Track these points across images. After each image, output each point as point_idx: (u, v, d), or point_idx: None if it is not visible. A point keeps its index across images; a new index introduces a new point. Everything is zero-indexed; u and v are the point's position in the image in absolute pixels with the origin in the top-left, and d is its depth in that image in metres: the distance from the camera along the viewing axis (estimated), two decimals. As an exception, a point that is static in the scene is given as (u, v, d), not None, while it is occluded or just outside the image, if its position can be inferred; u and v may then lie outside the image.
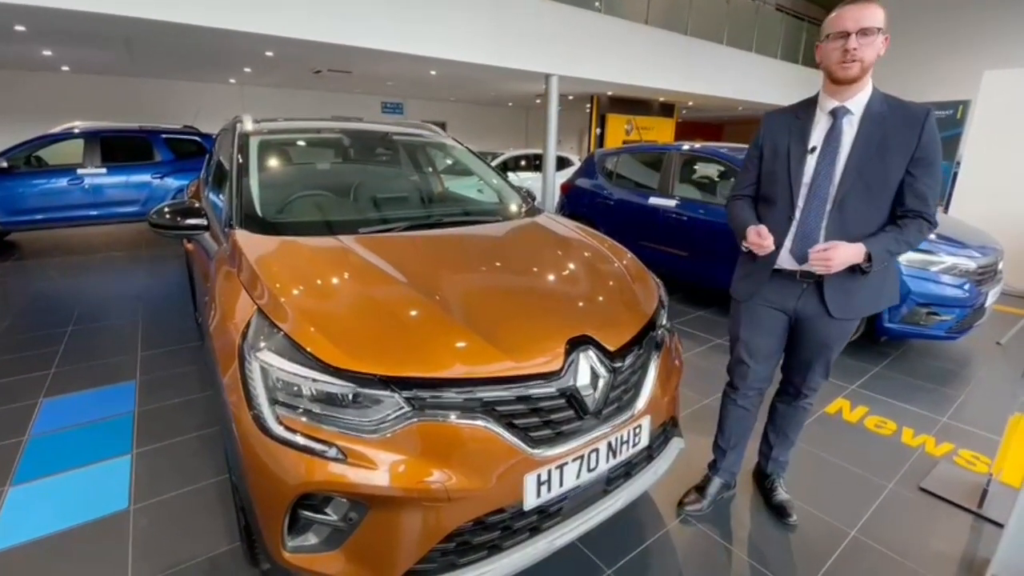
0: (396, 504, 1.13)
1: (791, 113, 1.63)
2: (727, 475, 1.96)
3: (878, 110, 1.48)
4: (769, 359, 1.78)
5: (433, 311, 1.36)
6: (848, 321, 1.64)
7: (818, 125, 1.55)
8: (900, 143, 1.45)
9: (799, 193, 1.57)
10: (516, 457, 1.20)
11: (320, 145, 2.66)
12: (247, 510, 1.30)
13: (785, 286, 1.65)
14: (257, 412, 1.18)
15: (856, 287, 1.57)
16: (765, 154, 1.66)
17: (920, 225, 1.49)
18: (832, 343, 1.67)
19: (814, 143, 1.55)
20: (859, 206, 1.51)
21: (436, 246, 1.81)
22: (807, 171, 1.54)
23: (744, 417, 1.87)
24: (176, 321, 3.80)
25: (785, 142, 1.60)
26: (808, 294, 1.62)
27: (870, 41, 1.41)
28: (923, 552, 1.73)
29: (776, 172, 1.61)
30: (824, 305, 1.59)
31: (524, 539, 1.29)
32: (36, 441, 2.29)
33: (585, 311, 1.49)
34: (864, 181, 1.49)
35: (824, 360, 1.72)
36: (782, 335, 1.74)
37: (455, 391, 1.18)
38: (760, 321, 1.72)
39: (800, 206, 1.57)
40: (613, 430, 1.36)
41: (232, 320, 1.40)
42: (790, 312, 1.67)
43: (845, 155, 1.50)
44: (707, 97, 11.06)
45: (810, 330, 1.67)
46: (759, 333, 1.73)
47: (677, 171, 4.46)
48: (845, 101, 1.50)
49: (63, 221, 6.20)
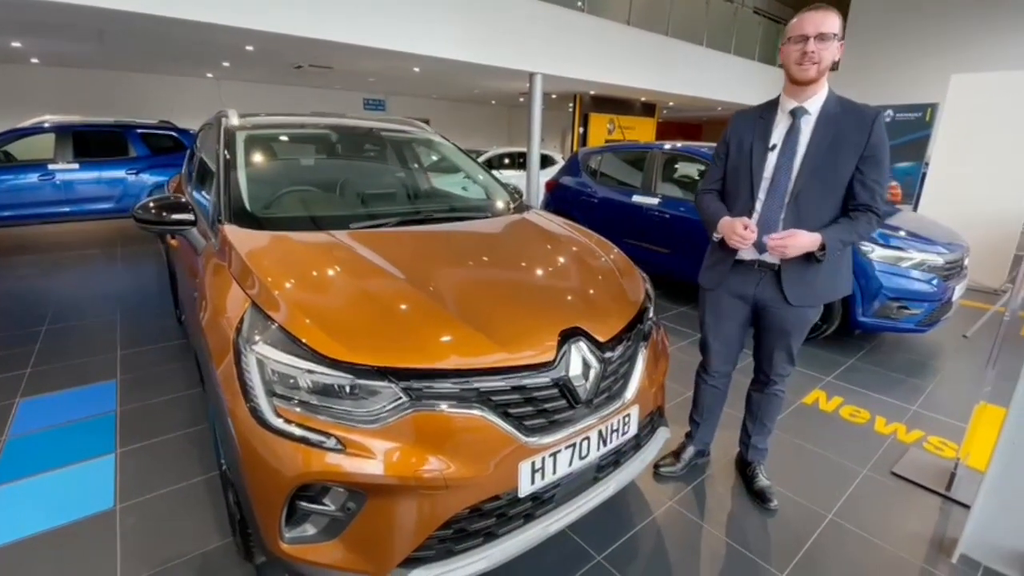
0: (394, 493, 1.15)
1: (755, 113, 1.76)
2: (700, 443, 2.14)
3: (833, 111, 1.61)
4: (732, 343, 1.93)
5: (428, 304, 1.38)
6: (806, 308, 1.75)
7: (779, 124, 1.68)
8: (851, 142, 1.58)
9: (760, 187, 1.69)
10: (511, 445, 1.23)
11: (307, 141, 2.64)
12: (243, 504, 1.31)
13: (745, 275, 1.77)
14: (254, 404, 1.19)
15: (811, 276, 1.69)
16: (731, 151, 1.78)
17: (869, 218, 1.62)
18: (791, 329, 1.79)
19: (775, 141, 1.67)
20: (814, 199, 1.63)
21: (428, 241, 1.83)
22: (768, 167, 1.67)
23: (714, 394, 2.04)
24: (155, 319, 3.73)
25: (749, 140, 1.72)
26: (765, 282, 1.74)
27: (827, 45, 1.53)
28: (896, 533, 1.82)
29: (740, 168, 1.74)
30: (782, 293, 1.71)
31: (518, 526, 1.32)
32: (14, 442, 2.24)
33: (576, 304, 1.53)
34: (818, 177, 1.61)
35: (786, 346, 1.83)
36: (744, 321, 1.88)
37: (451, 381, 1.20)
38: (723, 308, 1.87)
39: (761, 199, 1.69)
40: (603, 419, 1.40)
41: (224, 315, 1.40)
42: (750, 299, 1.80)
43: (802, 152, 1.63)
44: (687, 97, 11.24)
45: (770, 317, 1.79)
46: (722, 319, 1.88)
47: (659, 170, 4.54)
48: (803, 102, 1.63)
49: (33, 218, 6.01)
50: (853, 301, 3.26)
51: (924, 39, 11.78)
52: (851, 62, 12.13)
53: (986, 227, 4.94)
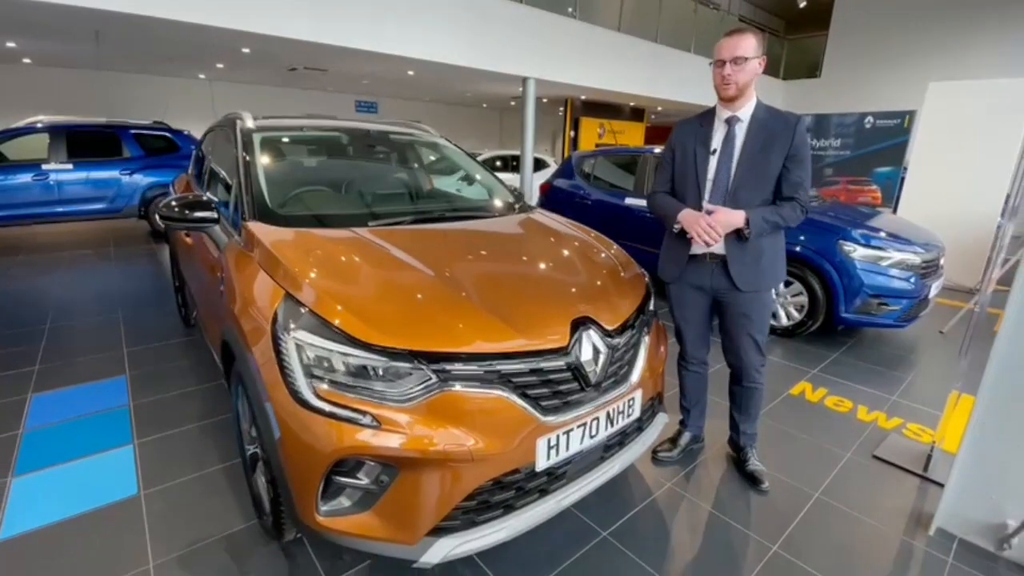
0: (424, 465, 1.25)
1: (696, 122, 1.95)
2: (695, 428, 2.28)
3: (762, 117, 1.82)
4: (701, 329, 2.10)
5: (451, 294, 1.49)
6: (758, 293, 1.92)
7: (717, 131, 1.88)
8: (778, 144, 1.79)
9: (705, 187, 1.88)
10: (530, 423, 1.34)
11: (320, 143, 2.73)
12: (279, 481, 1.40)
13: (700, 268, 1.95)
14: (294, 386, 1.28)
15: (752, 262, 1.88)
16: (676, 156, 1.97)
17: (794, 206, 1.81)
18: (751, 313, 1.93)
19: (715, 146, 1.87)
20: (749, 195, 1.83)
21: (445, 238, 1.94)
22: (711, 169, 1.87)
23: (696, 379, 2.20)
24: (158, 317, 3.78)
25: (692, 145, 1.91)
26: (718, 272, 1.92)
27: (742, 67, 1.73)
28: (878, 509, 1.96)
29: (687, 171, 1.92)
30: (731, 280, 1.89)
31: (535, 499, 1.44)
32: (32, 435, 2.29)
33: (585, 295, 1.65)
34: (752, 174, 1.82)
35: (748, 332, 1.96)
36: (707, 309, 2.05)
37: (476, 364, 1.31)
38: (686, 299, 2.05)
39: (707, 198, 1.88)
40: (611, 401, 1.52)
41: (256, 304, 1.50)
42: (708, 290, 1.97)
43: (738, 155, 1.83)
44: (675, 102, 11.48)
45: (728, 304, 1.97)
46: (686, 309, 2.06)
47: (651, 173, 4.69)
48: (736, 112, 1.83)
49: (27, 219, 5.99)
50: (836, 298, 3.43)
51: (903, 48, 12.17)
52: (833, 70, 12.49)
53: (961, 229, 5.17)
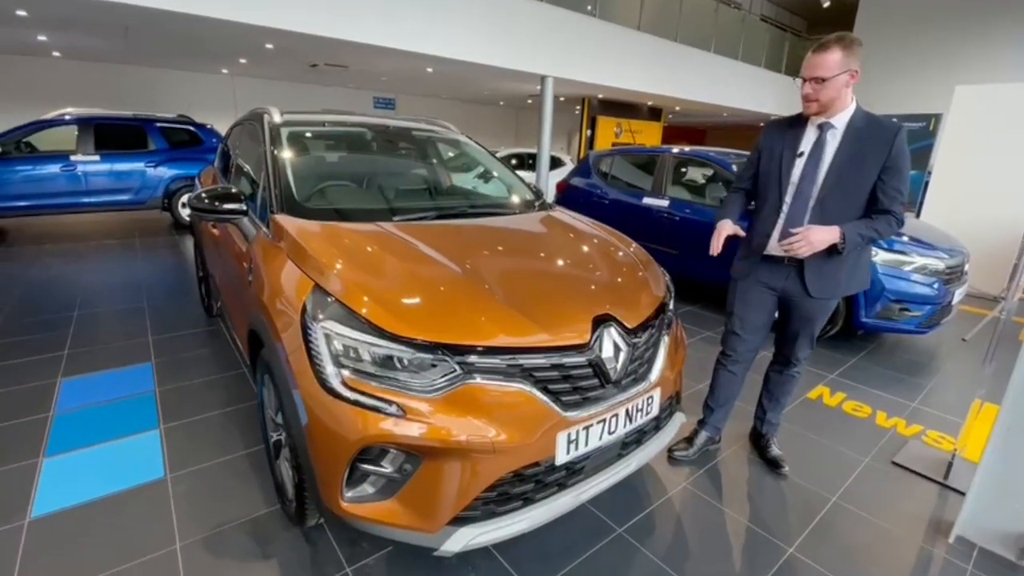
0: (447, 455, 1.28)
1: (787, 123, 1.93)
2: (713, 430, 2.28)
3: (858, 126, 1.76)
4: (757, 332, 2.07)
5: (475, 288, 1.51)
6: (827, 300, 1.93)
7: (807, 135, 1.84)
8: (874, 154, 1.73)
9: (787, 191, 1.86)
10: (550, 417, 1.36)
11: (345, 138, 2.78)
12: (304, 467, 1.43)
13: (775, 269, 1.94)
14: (322, 375, 1.31)
15: (831, 271, 1.87)
16: (763, 156, 1.96)
17: (888, 219, 1.77)
18: (815, 317, 1.97)
19: (803, 149, 1.84)
20: (837, 205, 1.79)
21: (468, 233, 1.96)
22: (795, 172, 1.84)
23: (732, 381, 2.18)
24: (182, 306, 3.86)
25: (780, 147, 1.90)
26: (793, 276, 1.91)
27: (822, 87, 1.69)
28: (897, 515, 1.95)
29: (770, 172, 1.91)
30: (805, 287, 1.87)
31: (553, 492, 1.45)
32: (62, 417, 2.37)
33: (606, 293, 1.66)
34: (842, 184, 1.77)
35: (808, 332, 2.02)
36: (771, 311, 2.04)
37: (500, 358, 1.33)
38: (752, 298, 2.03)
39: (788, 201, 1.86)
40: (630, 399, 1.53)
41: (284, 295, 1.53)
42: (779, 291, 1.97)
43: (828, 162, 1.79)
44: (694, 103, 11.39)
45: (795, 307, 1.98)
46: (750, 308, 2.04)
47: (669, 173, 4.67)
48: (830, 118, 1.79)
49: (55, 208, 6.14)
50: (856, 302, 3.39)
51: (929, 51, 11.92)
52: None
53: (986, 235, 5.07)
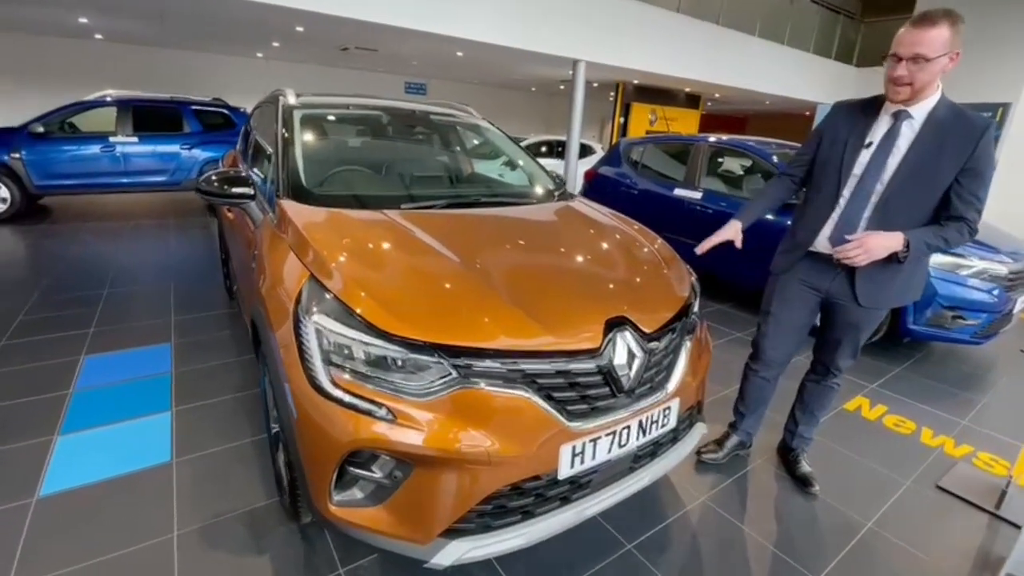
0: (439, 464, 1.19)
1: (857, 107, 1.70)
2: (744, 435, 2.14)
3: (941, 118, 1.52)
4: (793, 334, 1.89)
5: (479, 285, 1.41)
6: (877, 309, 1.74)
7: (879, 123, 1.62)
8: (955, 152, 1.50)
9: (846, 183, 1.66)
10: (553, 428, 1.25)
11: (360, 121, 2.70)
12: (295, 465, 1.37)
13: (821, 268, 1.76)
14: (312, 372, 1.24)
15: (885, 279, 1.67)
16: (823, 141, 1.74)
17: (961, 228, 1.56)
18: (861, 326, 1.79)
19: (871, 139, 1.62)
20: (904, 206, 1.59)
21: (478, 224, 1.86)
22: (859, 164, 1.63)
23: (763, 387, 2.03)
24: (206, 288, 3.91)
25: (845, 133, 1.68)
26: (841, 279, 1.72)
27: (922, 68, 1.43)
28: (938, 547, 1.77)
29: (830, 160, 1.70)
30: (853, 292, 1.69)
31: (555, 507, 1.35)
32: (80, 395, 2.40)
33: (623, 293, 1.53)
34: (914, 182, 1.56)
35: (853, 341, 1.83)
36: (811, 313, 1.86)
37: (499, 361, 1.23)
38: (791, 296, 1.85)
39: (846, 196, 1.67)
40: (644, 409, 1.41)
41: (283, 285, 1.47)
42: (823, 292, 1.79)
43: (900, 156, 1.57)
44: (735, 89, 10.87)
45: (840, 312, 1.79)
46: (789, 307, 1.86)
47: (704, 163, 4.43)
48: (910, 106, 1.55)
49: (95, 187, 6.34)
50: (904, 308, 3.13)
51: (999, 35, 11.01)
52: (915, 57, 11.40)
53: (1055, 237, 4.64)
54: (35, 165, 5.83)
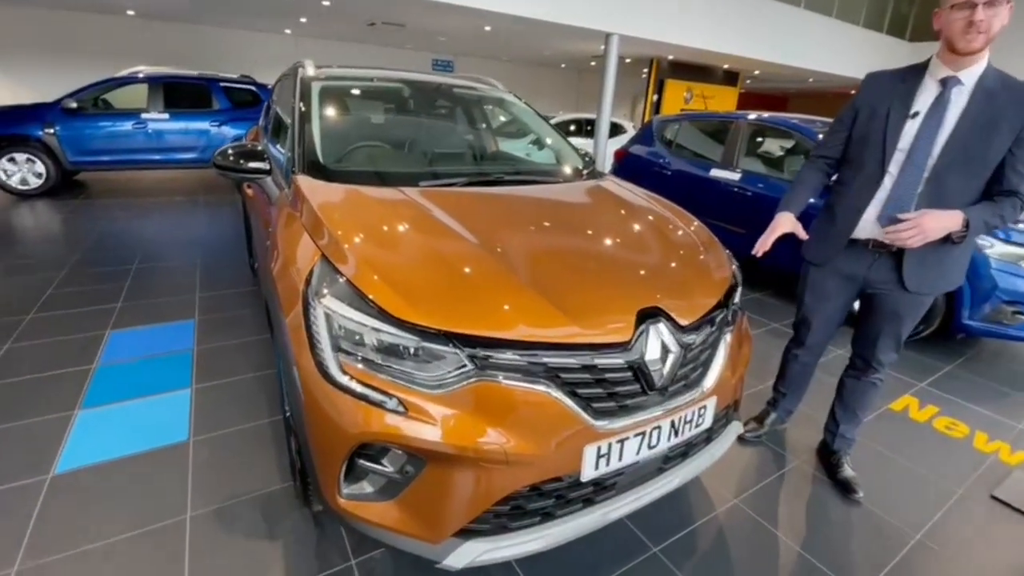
0: (454, 462, 1.11)
1: (896, 76, 1.59)
2: (784, 412, 2.15)
3: (990, 85, 1.44)
4: (831, 323, 1.85)
5: (499, 270, 1.30)
6: (923, 295, 1.63)
7: (924, 91, 1.51)
8: (1008, 122, 1.42)
9: (891, 158, 1.54)
10: (577, 427, 1.15)
11: (381, 95, 2.59)
12: (304, 454, 1.32)
13: (858, 254, 1.66)
14: (320, 358, 1.17)
15: (935, 261, 1.57)
16: (860, 116, 1.62)
17: (1015, 202, 1.47)
18: (904, 314, 1.67)
19: (917, 108, 1.51)
20: (957, 180, 1.48)
21: (500, 204, 1.74)
22: (905, 136, 1.52)
23: (803, 370, 2.02)
24: (231, 266, 3.92)
25: (886, 104, 1.56)
26: (881, 265, 1.62)
27: (996, 12, 1.37)
28: (993, 563, 1.62)
29: (870, 134, 1.58)
30: (899, 276, 1.59)
31: (577, 509, 1.26)
32: (103, 370, 2.42)
33: (657, 281, 1.40)
34: (966, 155, 1.46)
35: (895, 332, 1.71)
36: (847, 303, 1.79)
37: (519, 353, 1.13)
38: (826, 288, 1.77)
39: (893, 173, 1.55)
40: (677, 409, 1.30)
41: (295, 265, 1.39)
42: (860, 280, 1.69)
43: (950, 126, 1.46)
44: (777, 65, 10.31)
45: (882, 301, 1.68)
46: (825, 299, 1.80)
47: (743, 142, 4.19)
48: (959, 72, 1.46)
49: (127, 164, 6.44)
50: (959, 300, 2.89)
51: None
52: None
53: None
54: (69, 141, 5.94)
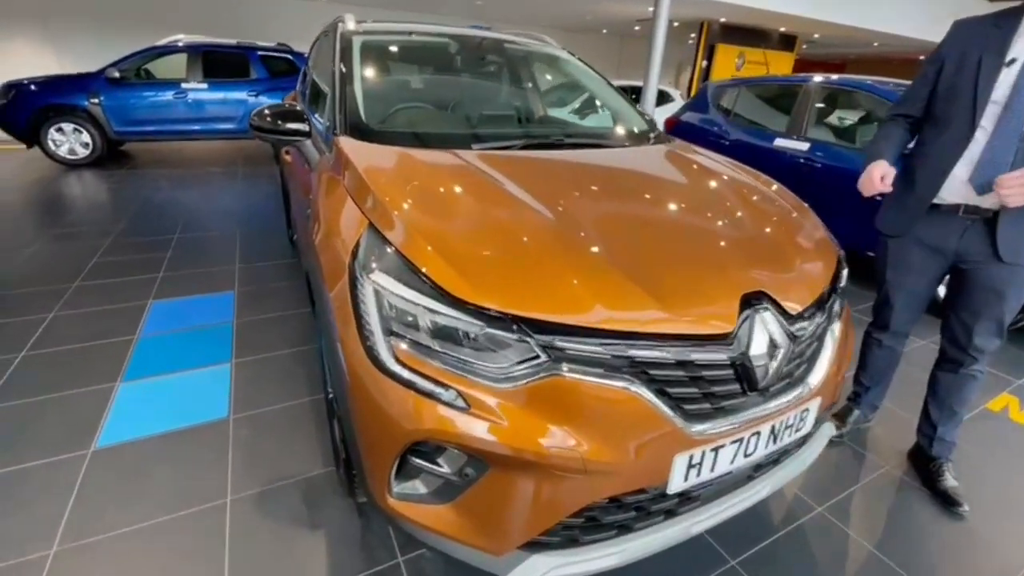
0: (522, 468, 0.95)
1: (988, 21, 1.43)
2: (868, 408, 1.94)
3: None
4: (916, 302, 1.67)
5: (576, 245, 1.12)
6: (1021, 267, 1.44)
7: (1022, 36, 1.34)
8: None
9: (984, 111, 1.37)
10: (667, 432, 0.98)
11: (427, 51, 2.39)
12: (349, 445, 1.19)
13: (945, 222, 1.49)
14: (370, 343, 1.02)
15: None
16: (947, 67, 1.46)
17: None
18: (1005, 291, 1.47)
19: (1014, 55, 1.34)
20: None
21: (568, 170, 1.54)
22: (999, 86, 1.35)
23: (888, 356, 1.82)
24: (270, 237, 3.86)
25: (976, 53, 1.39)
26: (973, 233, 1.46)
27: None
28: None
29: (958, 86, 1.42)
30: (993, 245, 1.42)
31: (658, 522, 1.10)
32: (145, 340, 2.38)
33: (758, 261, 1.19)
34: None
35: (995, 314, 1.51)
36: (934, 279, 1.60)
37: (602, 344, 0.95)
38: (911, 262, 1.59)
39: (986, 128, 1.37)
40: (779, 411, 1.10)
41: (339, 235, 1.24)
42: (949, 254, 1.52)
43: None
44: (842, 27, 9.49)
45: (975, 276, 1.50)
46: (908, 275, 1.62)
47: (812, 109, 3.80)
48: None
49: (169, 134, 6.46)
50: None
51: None
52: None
53: None
54: (113, 111, 5.98)
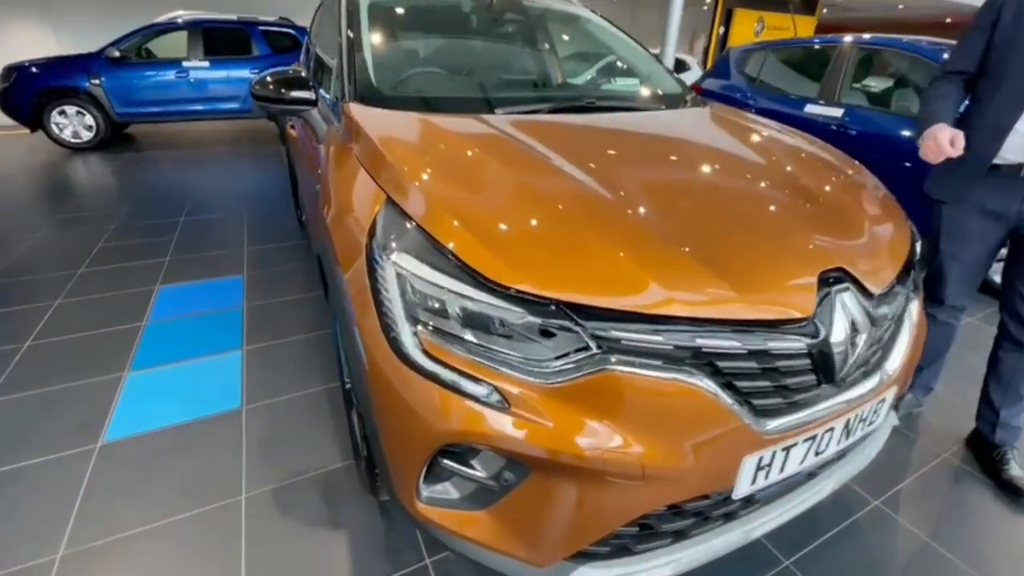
0: (571, 473, 0.83)
1: None
2: (921, 391, 1.83)
3: None
4: (974, 274, 1.56)
5: (627, 219, 0.98)
6: None
7: None
8: None
9: None
10: (736, 432, 0.85)
11: (440, 10, 2.21)
12: (371, 443, 1.08)
13: (1006, 184, 1.39)
14: (393, 334, 0.90)
15: None
16: (1004, 17, 1.35)
17: None
18: None
19: None
20: None
21: (608, 136, 1.39)
22: None
23: (943, 335, 1.68)
24: (278, 218, 3.74)
25: None
26: None
27: None
28: None
29: (1017, 37, 1.32)
30: None
31: (716, 527, 0.98)
32: (153, 327, 2.29)
33: (833, 233, 1.04)
34: None
35: None
36: (993, 248, 1.50)
37: (663, 333, 0.82)
38: (968, 229, 1.48)
39: None
40: (855, 403, 0.97)
41: (352, 212, 1.11)
42: (1012, 217, 1.42)
43: None
44: (866, -12, 9.02)
45: None
46: (965, 242, 1.50)
47: (848, 72, 3.56)
48: None
49: (172, 115, 6.31)
50: None
51: None
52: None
53: None
54: (115, 92, 5.83)
